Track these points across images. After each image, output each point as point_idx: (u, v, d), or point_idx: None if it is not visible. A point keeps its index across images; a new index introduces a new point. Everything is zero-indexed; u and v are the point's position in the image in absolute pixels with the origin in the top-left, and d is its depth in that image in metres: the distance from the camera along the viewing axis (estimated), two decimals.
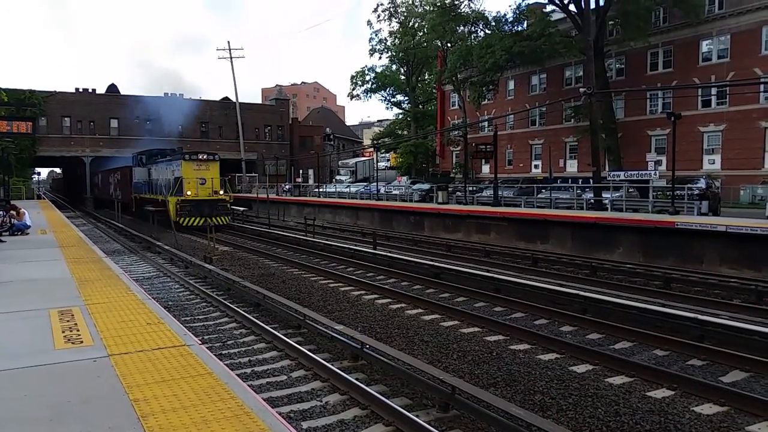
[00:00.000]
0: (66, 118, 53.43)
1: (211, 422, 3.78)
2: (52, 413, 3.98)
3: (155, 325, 6.34)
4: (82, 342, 5.65)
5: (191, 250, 20.33)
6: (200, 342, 5.91)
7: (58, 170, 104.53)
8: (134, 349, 5.44)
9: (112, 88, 63.10)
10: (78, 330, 6.08)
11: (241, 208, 33.25)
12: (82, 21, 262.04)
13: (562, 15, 37.12)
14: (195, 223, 27.02)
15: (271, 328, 9.64)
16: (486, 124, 48.24)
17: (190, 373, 4.78)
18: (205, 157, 29.41)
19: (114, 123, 55.58)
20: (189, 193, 27.52)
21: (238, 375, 6.05)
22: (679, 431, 6.09)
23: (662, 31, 37.67)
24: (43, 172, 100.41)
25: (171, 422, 3.79)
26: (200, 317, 11.04)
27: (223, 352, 8.66)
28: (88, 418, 3.89)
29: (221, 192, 29.19)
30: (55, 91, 53.11)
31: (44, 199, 51.86)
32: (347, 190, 45.47)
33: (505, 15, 41.66)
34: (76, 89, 56.75)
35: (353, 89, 67.47)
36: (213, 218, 26.80)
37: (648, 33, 36.00)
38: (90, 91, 57.68)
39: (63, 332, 5.98)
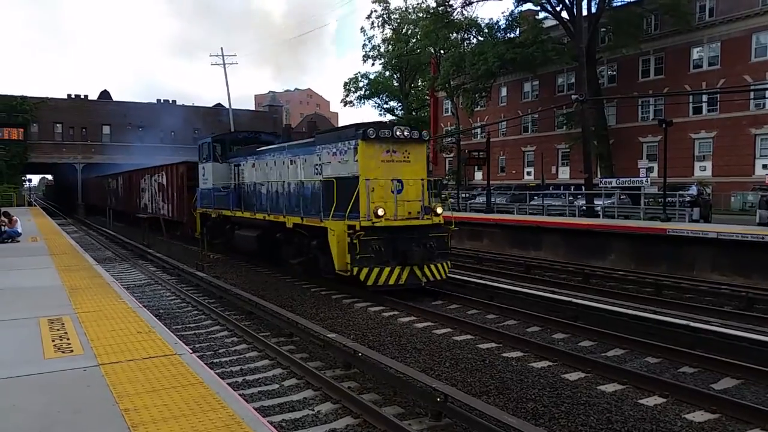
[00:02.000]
0: (58, 125, 53.26)
1: None
2: (40, 424, 3.94)
3: (146, 334, 6.31)
4: (72, 351, 5.61)
5: (183, 258, 20.23)
6: (191, 351, 5.88)
7: (49, 177, 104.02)
8: (125, 358, 5.41)
9: (105, 95, 63.02)
10: (68, 339, 6.03)
11: None
12: (74, 27, 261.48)
13: (554, 22, 37.41)
14: (392, 280, 12.61)
15: (262, 336, 9.60)
16: (479, 130, 48.40)
17: (181, 382, 4.75)
18: (406, 134, 13.39)
19: (106, 129, 55.43)
20: (381, 212, 12.56)
21: (229, 384, 6.01)
22: None
23: (654, 38, 37.97)
24: (35, 178, 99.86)
25: None
26: (192, 326, 10.98)
27: (215, 360, 8.59)
28: (77, 429, 3.86)
29: (438, 209, 13.68)
30: (46, 98, 52.94)
31: (35, 206, 51.53)
32: None
33: (497, 22, 41.89)
34: (68, 95, 56.61)
35: (346, 96, 67.80)
36: (426, 268, 13.01)
37: (640, 40, 36.33)
38: (82, 97, 57.51)
39: (53, 341, 5.94)
